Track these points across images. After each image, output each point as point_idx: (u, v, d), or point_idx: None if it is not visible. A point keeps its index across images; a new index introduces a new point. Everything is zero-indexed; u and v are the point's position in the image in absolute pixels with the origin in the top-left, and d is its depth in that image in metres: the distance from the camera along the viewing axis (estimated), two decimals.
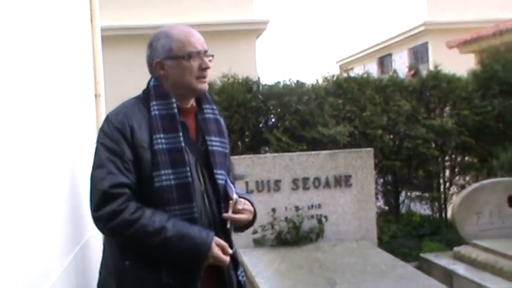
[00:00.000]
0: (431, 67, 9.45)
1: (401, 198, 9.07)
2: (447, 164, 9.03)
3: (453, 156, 9.00)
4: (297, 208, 6.90)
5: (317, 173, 7.03)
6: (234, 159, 6.94)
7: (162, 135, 2.45)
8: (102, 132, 2.49)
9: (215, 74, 8.41)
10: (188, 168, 2.45)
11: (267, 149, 8.35)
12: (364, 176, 7.13)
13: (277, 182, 6.97)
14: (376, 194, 8.19)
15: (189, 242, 2.39)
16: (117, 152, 2.41)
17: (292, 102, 8.08)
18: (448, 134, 8.48)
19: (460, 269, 6.39)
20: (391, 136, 8.67)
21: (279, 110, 8.32)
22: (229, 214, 2.54)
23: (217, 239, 2.47)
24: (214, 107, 2.71)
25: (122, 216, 2.35)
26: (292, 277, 5.46)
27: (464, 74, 9.12)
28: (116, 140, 2.43)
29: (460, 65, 10.60)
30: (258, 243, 6.69)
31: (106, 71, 5.19)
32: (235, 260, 2.65)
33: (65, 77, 3.25)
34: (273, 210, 6.89)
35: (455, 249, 6.86)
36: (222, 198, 2.57)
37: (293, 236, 6.72)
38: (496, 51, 9.32)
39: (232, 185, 2.62)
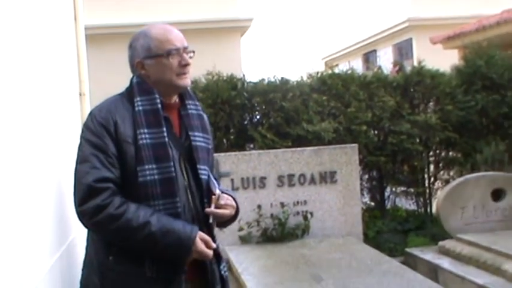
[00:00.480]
0: (415, 63, 9.49)
1: (386, 194, 9.09)
2: (431, 159, 9.07)
3: (437, 151, 9.05)
4: (282, 205, 6.93)
5: (302, 169, 7.06)
6: (219, 156, 7.00)
7: (146, 130, 2.47)
8: (86, 127, 2.50)
9: (200, 71, 8.40)
10: (172, 163, 2.47)
11: (252, 146, 8.35)
12: (349, 172, 7.17)
13: (262, 179, 7.00)
14: (362, 189, 8.22)
15: (173, 236, 2.40)
16: (100, 147, 2.42)
17: (277, 99, 8.09)
18: (432, 129, 8.52)
19: (445, 263, 6.44)
20: (376, 132, 8.70)
21: (263, 107, 8.32)
22: (212, 209, 2.55)
23: (201, 234, 2.49)
24: (197, 103, 2.74)
25: (107, 210, 2.36)
26: (278, 273, 5.48)
27: (448, 70, 9.17)
28: (100, 134, 2.44)
29: (444, 60, 10.66)
30: (244, 240, 6.71)
31: (90, 69, 5.17)
32: (218, 255, 2.67)
33: (49, 76, 3.24)
34: (259, 207, 6.92)
35: (440, 243, 6.91)
36: (205, 193, 2.59)
37: (279, 233, 6.75)
38: (479, 47, 9.36)
39: (215, 181, 2.64)
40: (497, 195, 6.97)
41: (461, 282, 5.91)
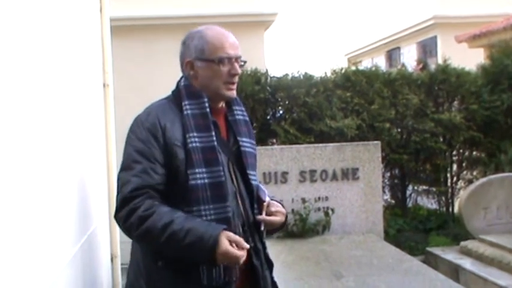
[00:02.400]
0: (440, 61, 9.38)
1: (408, 192, 9.04)
2: (455, 158, 9.00)
3: (461, 150, 8.97)
4: (303, 200, 6.90)
5: (324, 165, 7.02)
6: None
7: (195, 134, 2.42)
8: (132, 132, 2.46)
9: None
10: (221, 168, 2.42)
11: (274, 140, 8.34)
12: (371, 169, 7.11)
13: (284, 174, 6.96)
14: (383, 187, 8.16)
15: (196, 234, 2.28)
16: (145, 153, 2.39)
17: (300, 94, 8.06)
18: (456, 129, 8.43)
19: (467, 263, 6.36)
20: (399, 130, 8.63)
21: (287, 102, 8.30)
22: (264, 216, 2.51)
23: (228, 234, 2.32)
24: (243, 109, 2.69)
25: (137, 213, 2.33)
26: (299, 269, 5.44)
27: (473, 69, 9.06)
28: (145, 140, 2.40)
29: (469, 59, 10.52)
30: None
31: (114, 61, 5.16)
32: (269, 261, 2.66)
33: (74, 67, 3.23)
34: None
35: (462, 243, 6.83)
36: (255, 199, 2.54)
37: (300, 228, 6.71)
38: (506, 46, 9.23)
39: (264, 188, 2.59)
40: None
41: (483, 284, 5.83)
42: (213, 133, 2.45)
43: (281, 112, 8.42)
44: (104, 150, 4.29)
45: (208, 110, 2.48)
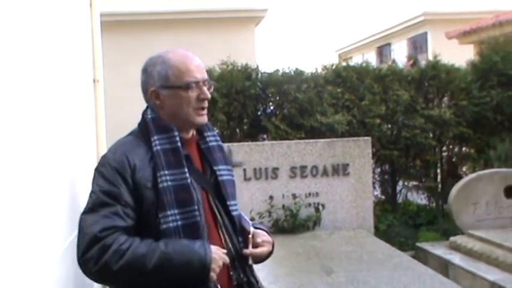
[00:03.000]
0: (430, 57, 9.42)
1: (398, 188, 9.06)
2: (444, 154, 9.02)
3: (450, 146, 9.00)
4: (294, 196, 6.90)
5: (315, 161, 7.02)
6: (233, 146, 6.97)
7: (166, 172, 2.26)
8: (98, 172, 2.28)
9: (213, 61, 8.40)
10: (196, 207, 2.27)
11: (265, 136, 8.34)
12: (362, 165, 7.12)
13: (275, 170, 6.97)
14: (374, 183, 8.19)
15: (186, 250, 2.19)
16: (114, 195, 2.21)
17: (291, 90, 8.06)
18: (446, 125, 8.46)
19: (456, 258, 6.39)
20: (389, 125, 8.66)
21: (277, 98, 8.30)
22: (251, 250, 2.39)
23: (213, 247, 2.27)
24: (215, 133, 2.55)
25: (112, 248, 2.14)
26: (289, 264, 5.45)
27: (463, 65, 9.09)
28: (113, 181, 2.23)
29: (459, 55, 10.57)
30: None
31: (105, 56, 5.15)
32: None
33: (63, 62, 3.21)
34: (271, 197, 6.90)
35: (452, 239, 6.86)
36: (238, 231, 2.42)
37: (290, 224, 6.71)
38: (495, 43, 9.28)
39: (246, 217, 2.49)
40: (510, 192, 6.90)
41: (472, 278, 5.86)
42: (186, 169, 2.29)
43: (272, 108, 8.42)
44: (94, 147, 4.28)
45: (179, 144, 2.32)
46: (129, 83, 8.81)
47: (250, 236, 2.41)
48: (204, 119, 2.43)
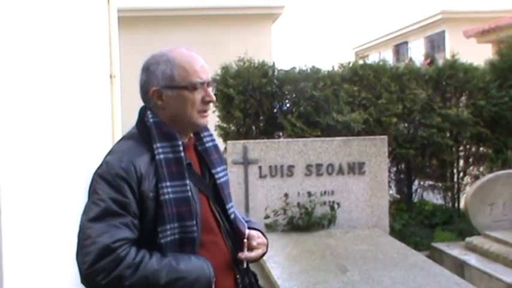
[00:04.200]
0: (447, 56, 9.35)
1: (414, 187, 9.02)
2: (461, 153, 8.96)
3: (468, 146, 8.94)
4: (309, 194, 6.89)
5: (331, 159, 7.01)
6: (248, 143, 6.98)
7: (168, 184, 2.18)
8: (102, 178, 2.16)
9: (229, 58, 8.41)
10: (195, 222, 2.21)
11: (281, 134, 8.34)
12: (378, 164, 7.10)
13: (290, 167, 6.96)
14: (389, 182, 8.16)
15: (197, 267, 2.19)
16: (123, 205, 2.12)
17: (308, 87, 8.04)
18: (464, 124, 8.40)
19: (472, 259, 6.35)
20: (406, 124, 8.62)
21: (294, 96, 8.28)
22: (246, 254, 2.34)
23: None
24: (211, 132, 2.47)
25: (126, 261, 2.07)
26: (304, 262, 5.44)
27: (481, 64, 9.02)
28: (122, 190, 2.12)
29: (477, 54, 10.48)
30: (270, 228, 6.67)
31: (122, 52, 5.16)
32: None
33: (81, 58, 3.22)
34: (286, 195, 6.88)
35: (467, 239, 6.82)
36: (237, 234, 2.38)
37: (305, 222, 6.71)
38: None
39: (240, 216, 2.44)
40: None
41: (488, 280, 5.82)
42: (187, 181, 2.21)
43: (288, 105, 8.41)
44: (110, 142, 4.29)
45: (182, 154, 2.23)
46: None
47: (245, 240, 2.34)
48: (207, 121, 2.34)
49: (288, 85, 8.19)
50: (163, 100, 2.27)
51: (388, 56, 18.30)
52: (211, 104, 2.33)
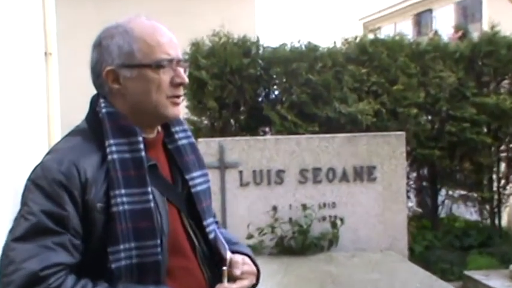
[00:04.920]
0: (485, 27, 9.43)
1: (440, 198, 9.09)
2: (503, 155, 9.01)
3: (511, 145, 9.00)
4: (304, 207, 6.96)
5: (332, 162, 7.08)
6: (225, 141, 7.04)
7: (123, 191, 2.15)
8: (36, 187, 2.11)
9: (203, 32, 8.41)
10: (158, 241, 2.18)
11: (267, 129, 8.38)
12: (393, 168, 7.17)
13: (279, 173, 7.04)
14: (408, 191, 8.22)
15: None
16: (60, 219, 2.07)
17: (302, 70, 8.08)
18: (506, 116, 8.47)
19: None
20: (430, 117, 8.69)
21: (284, 80, 8.33)
22: (225, 285, 2.31)
23: None
24: (186, 127, 2.48)
25: None
26: None
27: None
28: (59, 201, 2.08)
29: None
30: (255, 250, 6.71)
31: (59, 26, 5.22)
32: None
33: (8, 33, 3.27)
34: (274, 208, 6.97)
35: None
36: (214, 257, 2.37)
37: (299, 243, 6.76)
38: None
39: (221, 235, 2.44)
40: None
41: None
42: (149, 189, 2.19)
43: (276, 93, 8.47)
44: (45, 138, 4.33)
45: (143, 154, 2.21)
46: (87, 58, 8.90)
47: (225, 268, 2.31)
48: (178, 110, 2.33)
49: (276, 67, 8.22)
50: (121, 83, 2.25)
51: (406, 28, 18.39)
52: (182, 89, 2.30)
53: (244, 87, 8.19)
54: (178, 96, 2.28)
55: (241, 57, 8.18)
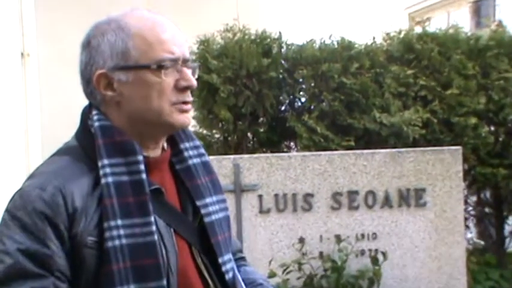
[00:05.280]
0: None
1: (507, 228, 9.06)
2: None
3: None
4: (338, 238, 6.99)
5: (371, 184, 7.11)
6: (242, 159, 7.09)
7: (119, 222, 2.16)
8: (12, 217, 2.13)
9: (215, 27, 8.44)
10: (164, 282, 2.19)
11: (292, 144, 8.41)
12: (447, 191, 7.18)
13: (307, 197, 7.08)
14: (466, 219, 8.22)
15: None
16: (41, 259, 2.08)
17: (334, 72, 8.12)
18: None
19: None
20: (492, 128, 8.69)
21: (312, 85, 8.35)
22: None
23: None
24: (198, 143, 2.51)
25: None
26: None
27: None
28: (41, 236, 2.08)
29: None
30: None
31: (39, 24, 5.30)
32: None
33: None
34: (301, 240, 7.01)
35: None
36: None
37: (332, 283, 6.78)
38: None
39: (239, 277, 2.48)
40: None
41: None
42: (152, 218, 2.20)
43: (303, 100, 8.49)
44: (23, 155, 4.40)
45: (143, 176, 2.22)
46: (71, 57, 8.99)
47: None
48: (187, 119, 2.33)
49: (303, 68, 8.26)
50: (115, 89, 2.26)
51: (462, 19, 18.40)
52: (189, 94, 2.31)
53: (263, 94, 8.22)
54: (185, 103, 2.30)
55: (260, 58, 8.20)
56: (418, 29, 9.10)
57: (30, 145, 4.52)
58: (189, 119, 2.33)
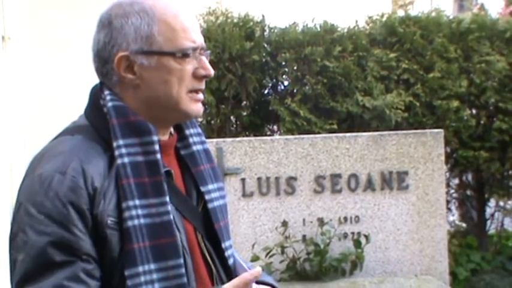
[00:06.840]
0: None
1: (488, 210, 9.11)
2: None
3: None
4: (321, 222, 7.00)
5: (354, 167, 7.13)
6: (225, 142, 7.09)
7: (137, 202, 2.18)
8: (32, 205, 2.12)
9: (197, 10, 8.41)
10: (182, 260, 2.23)
11: (275, 128, 8.40)
12: (429, 174, 7.21)
13: (290, 180, 7.09)
14: (448, 202, 8.25)
15: None
16: (68, 245, 2.09)
17: (317, 55, 8.12)
18: None
19: None
20: (474, 111, 8.73)
21: (295, 68, 8.36)
22: None
23: None
24: (200, 130, 2.53)
25: None
26: None
27: None
28: (64, 220, 2.09)
29: None
30: None
31: (20, 5, 5.27)
32: None
33: None
34: (284, 224, 7.01)
35: None
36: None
37: (316, 266, 6.80)
38: None
39: (241, 261, 2.53)
40: None
41: None
42: (167, 198, 2.24)
43: (286, 83, 8.49)
44: (5, 124, 4.38)
45: (158, 156, 2.25)
46: (57, 40, 8.95)
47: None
48: (200, 108, 2.36)
49: (285, 52, 8.26)
50: (135, 73, 2.27)
51: (445, 2, 18.40)
52: (204, 82, 2.35)
53: (246, 77, 8.23)
54: (199, 91, 2.34)
55: (242, 41, 8.21)
56: (400, 13, 9.12)
57: (12, 131, 4.50)
58: (202, 109, 2.38)
